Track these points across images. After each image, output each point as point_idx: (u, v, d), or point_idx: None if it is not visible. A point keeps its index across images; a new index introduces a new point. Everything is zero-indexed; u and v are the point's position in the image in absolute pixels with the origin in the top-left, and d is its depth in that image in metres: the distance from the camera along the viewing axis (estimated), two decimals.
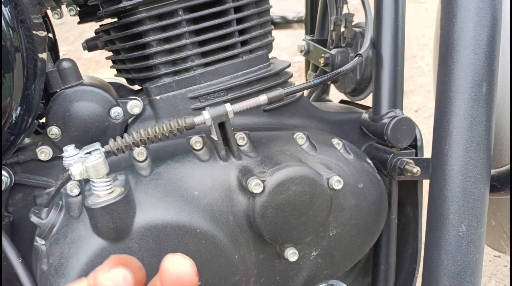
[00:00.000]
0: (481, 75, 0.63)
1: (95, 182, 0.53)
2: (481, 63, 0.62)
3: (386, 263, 0.86)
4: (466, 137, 0.63)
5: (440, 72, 0.69)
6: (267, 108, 0.78)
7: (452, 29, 0.66)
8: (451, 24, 0.66)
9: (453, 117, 0.67)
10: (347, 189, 0.68)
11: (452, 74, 0.66)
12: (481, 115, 0.63)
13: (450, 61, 0.67)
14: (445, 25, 0.67)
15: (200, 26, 0.71)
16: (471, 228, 0.64)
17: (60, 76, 0.66)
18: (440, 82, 0.69)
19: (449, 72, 0.67)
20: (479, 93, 0.63)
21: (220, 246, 0.59)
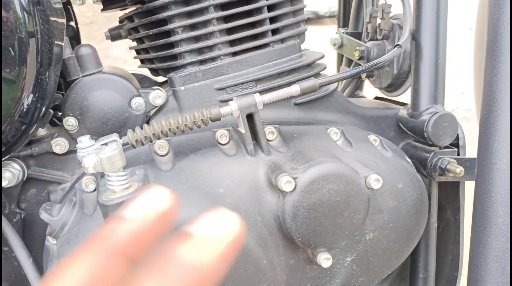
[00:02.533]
0: None
1: (110, 176, 0.47)
2: None
3: (425, 271, 0.79)
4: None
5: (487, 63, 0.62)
6: (298, 101, 0.71)
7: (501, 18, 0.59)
8: (500, 14, 0.59)
9: (503, 112, 0.60)
10: (386, 189, 0.61)
11: (501, 65, 0.60)
12: None
13: (499, 51, 0.60)
14: (493, 14, 0.60)
15: (228, 12, 0.66)
16: None
17: (78, 63, 0.61)
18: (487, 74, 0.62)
19: (498, 63, 0.60)
20: None
21: (247, 250, 0.53)
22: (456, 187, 0.78)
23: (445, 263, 0.83)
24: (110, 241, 0.28)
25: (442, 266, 0.83)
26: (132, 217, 0.29)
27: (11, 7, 0.49)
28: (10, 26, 0.49)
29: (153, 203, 0.29)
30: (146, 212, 0.29)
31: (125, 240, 0.28)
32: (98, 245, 0.27)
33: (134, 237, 0.28)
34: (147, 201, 0.30)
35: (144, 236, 0.28)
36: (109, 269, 0.26)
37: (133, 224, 0.28)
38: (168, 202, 0.30)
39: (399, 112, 0.78)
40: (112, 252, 0.27)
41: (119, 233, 0.28)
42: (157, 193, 0.30)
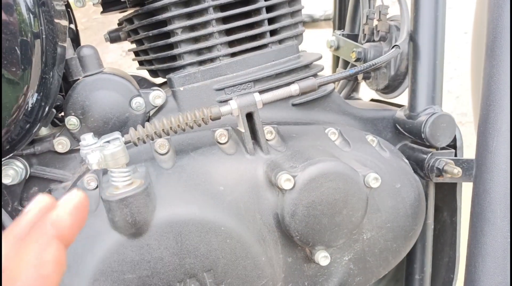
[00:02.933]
0: None
1: (113, 172, 0.48)
2: None
3: (421, 272, 0.80)
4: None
5: (486, 63, 0.64)
6: (296, 102, 0.73)
7: (501, 17, 0.61)
8: (500, 13, 0.60)
9: (502, 111, 0.61)
10: (383, 189, 0.63)
11: (500, 64, 0.61)
12: None
13: (499, 50, 0.61)
14: (493, 13, 0.62)
15: (228, 13, 0.67)
16: None
17: (80, 64, 0.62)
18: (486, 74, 0.63)
19: (497, 63, 0.62)
20: None
21: (246, 246, 0.54)
22: (453, 189, 0.79)
23: (441, 265, 0.84)
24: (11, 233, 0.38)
25: (438, 268, 0.84)
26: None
27: (17, 8, 0.50)
28: (16, 27, 0.50)
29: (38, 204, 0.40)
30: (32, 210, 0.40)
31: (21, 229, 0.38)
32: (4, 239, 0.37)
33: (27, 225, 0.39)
34: (34, 204, 0.41)
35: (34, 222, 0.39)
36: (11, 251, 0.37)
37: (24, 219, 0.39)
38: (48, 201, 0.41)
39: (396, 114, 0.80)
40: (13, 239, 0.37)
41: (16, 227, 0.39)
42: (40, 198, 0.41)
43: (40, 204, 0.40)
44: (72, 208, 0.39)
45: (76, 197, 0.40)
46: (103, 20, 4.07)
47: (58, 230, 0.37)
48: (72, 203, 0.39)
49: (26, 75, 0.52)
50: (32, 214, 0.39)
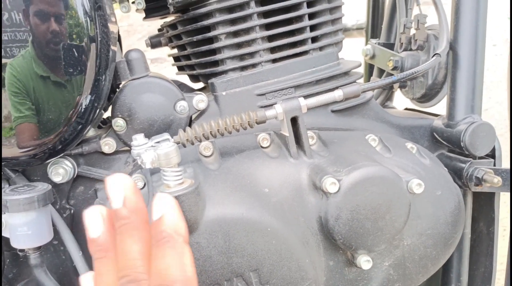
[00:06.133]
0: None
1: (166, 171, 0.51)
2: None
3: (457, 282, 0.80)
4: None
5: None
6: (335, 108, 0.74)
7: None
8: None
9: None
10: (424, 196, 0.63)
11: None
12: None
13: None
14: None
15: (270, 20, 0.69)
16: None
17: (128, 67, 0.64)
18: None
19: None
20: None
21: (291, 248, 0.55)
22: (490, 198, 0.79)
23: (477, 275, 0.84)
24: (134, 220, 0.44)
25: (474, 278, 0.84)
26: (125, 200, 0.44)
27: (75, 12, 0.53)
28: (74, 30, 0.53)
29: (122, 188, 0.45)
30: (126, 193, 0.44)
31: (140, 214, 0.44)
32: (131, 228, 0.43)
33: (140, 209, 0.45)
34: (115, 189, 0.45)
35: (143, 205, 0.46)
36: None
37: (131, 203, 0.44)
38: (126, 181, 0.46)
39: (433, 122, 0.80)
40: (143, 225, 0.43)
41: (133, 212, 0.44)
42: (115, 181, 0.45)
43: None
44: (179, 213, 0.44)
45: (173, 202, 0.45)
46: (127, 29, 4.17)
47: (183, 235, 0.43)
48: (176, 209, 0.45)
49: (81, 77, 0.55)
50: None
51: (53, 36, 0.53)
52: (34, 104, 0.55)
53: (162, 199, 0.45)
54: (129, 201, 0.43)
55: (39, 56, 0.53)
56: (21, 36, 0.53)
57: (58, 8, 0.53)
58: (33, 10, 0.52)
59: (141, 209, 0.44)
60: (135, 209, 0.43)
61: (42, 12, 0.53)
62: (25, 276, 0.67)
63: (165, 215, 0.43)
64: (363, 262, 0.58)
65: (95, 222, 0.43)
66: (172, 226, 0.43)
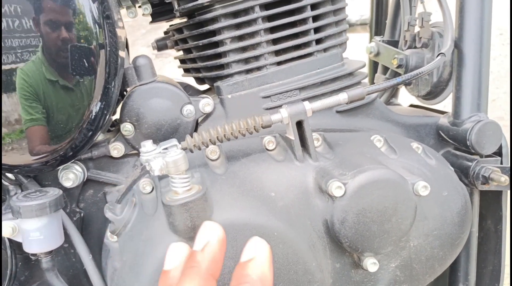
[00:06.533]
0: None
1: (174, 178, 0.51)
2: None
3: (465, 280, 0.80)
4: None
5: None
6: (340, 109, 0.74)
7: None
8: None
9: None
10: (431, 197, 0.63)
11: None
12: None
13: None
14: None
15: (275, 23, 0.70)
16: None
17: (136, 73, 0.65)
18: None
19: None
20: None
21: (298, 252, 0.56)
22: (498, 197, 0.79)
23: (485, 274, 0.84)
24: (202, 268, 0.41)
25: (482, 276, 0.84)
26: (206, 247, 0.43)
27: (84, 20, 0.54)
28: (83, 39, 0.54)
29: (213, 235, 0.44)
30: (212, 242, 0.43)
31: (210, 265, 0.42)
32: (195, 273, 0.41)
33: (215, 261, 0.43)
34: (208, 233, 0.44)
35: (219, 259, 0.43)
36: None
37: (209, 253, 0.43)
38: (221, 232, 0.44)
39: (439, 120, 0.80)
40: (207, 275, 0.41)
41: (205, 261, 0.42)
42: (212, 226, 0.44)
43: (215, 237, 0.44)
44: (270, 263, 0.42)
45: (267, 248, 0.43)
46: (132, 24, 4.17)
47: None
48: (267, 256, 0.43)
49: (92, 85, 0.56)
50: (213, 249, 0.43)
51: (63, 43, 0.54)
52: (44, 108, 0.56)
53: (257, 243, 0.43)
54: (209, 250, 0.42)
55: (50, 62, 0.54)
56: (32, 42, 0.54)
57: (67, 16, 0.54)
58: (43, 18, 0.53)
59: (216, 261, 0.42)
60: (210, 259, 0.42)
61: (53, 19, 0.54)
62: (37, 279, 0.68)
63: (255, 259, 0.42)
64: (369, 265, 0.59)
65: (172, 256, 0.44)
66: (260, 273, 0.41)
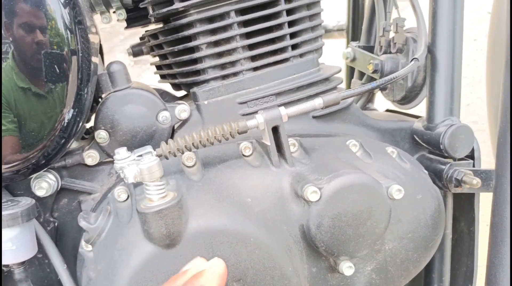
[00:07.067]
0: None
1: (148, 185, 0.51)
2: None
3: (439, 282, 0.81)
4: None
5: (505, 77, 0.65)
6: (316, 114, 0.75)
7: None
8: None
9: None
10: (405, 200, 0.64)
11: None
12: None
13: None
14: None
15: (251, 28, 0.70)
16: None
17: (110, 79, 0.65)
18: (505, 87, 0.65)
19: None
20: None
21: (274, 257, 0.56)
22: (470, 199, 0.81)
23: (459, 275, 0.85)
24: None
25: (456, 277, 0.85)
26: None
27: (55, 26, 0.53)
28: (54, 45, 0.53)
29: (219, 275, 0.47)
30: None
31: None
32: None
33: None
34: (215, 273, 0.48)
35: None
36: None
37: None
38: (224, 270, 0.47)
39: (414, 125, 0.81)
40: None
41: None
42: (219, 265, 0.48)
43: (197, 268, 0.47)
44: (219, 278, 0.45)
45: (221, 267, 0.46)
46: (110, 30, 4.13)
47: None
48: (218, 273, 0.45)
49: (63, 92, 0.55)
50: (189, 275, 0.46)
51: (33, 49, 0.53)
52: (16, 116, 0.55)
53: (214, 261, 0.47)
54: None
55: (21, 69, 0.53)
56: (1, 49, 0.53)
57: (38, 22, 0.53)
58: (13, 23, 0.52)
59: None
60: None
61: (23, 25, 0.53)
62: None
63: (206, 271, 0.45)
64: (345, 268, 0.59)
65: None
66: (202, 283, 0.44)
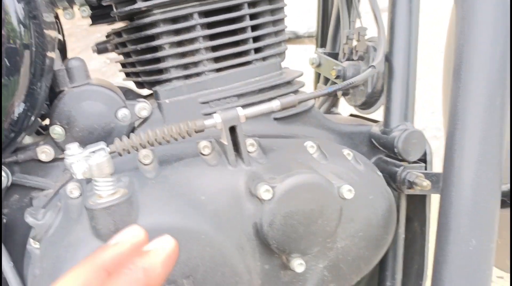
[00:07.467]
0: (495, 88, 0.60)
1: (97, 181, 0.49)
2: (495, 76, 0.60)
3: (392, 279, 0.81)
4: (478, 151, 0.61)
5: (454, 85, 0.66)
6: (277, 116, 0.74)
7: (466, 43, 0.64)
8: (466, 38, 0.64)
9: (466, 130, 0.64)
10: (357, 200, 0.64)
11: (465, 87, 0.64)
12: (494, 128, 0.60)
13: (464, 74, 0.64)
14: (460, 39, 0.65)
15: (214, 31, 0.68)
16: (481, 242, 0.61)
17: (68, 75, 0.62)
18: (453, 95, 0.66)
19: (463, 85, 0.64)
20: (492, 106, 0.61)
21: (226, 254, 0.55)
22: (423, 200, 0.81)
23: (411, 272, 0.86)
24: (99, 261, 0.37)
25: (409, 275, 0.86)
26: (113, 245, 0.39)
27: (8, 20, 0.50)
28: (7, 38, 0.51)
29: (131, 238, 0.40)
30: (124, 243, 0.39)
31: (108, 260, 0.38)
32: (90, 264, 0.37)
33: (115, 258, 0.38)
34: (126, 235, 0.40)
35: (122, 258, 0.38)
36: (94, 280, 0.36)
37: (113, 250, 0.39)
38: (141, 237, 0.40)
39: (371, 129, 0.82)
40: (98, 268, 0.37)
41: (104, 256, 0.38)
42: (134, 230, 0.41)
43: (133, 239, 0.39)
44: (166, 257, 0.38)
45: (170, 245, 0.39)
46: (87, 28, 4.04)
47: (149, 279, 0.36)
48: (166, 252, 0.38)
49: (14, 85, 0.52)
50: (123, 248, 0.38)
51: None
52: None
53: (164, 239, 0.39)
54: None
55: None
56: None
57: None
58: None
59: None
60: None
61: None
62: None
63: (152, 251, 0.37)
64: (296, 266, 0.59)
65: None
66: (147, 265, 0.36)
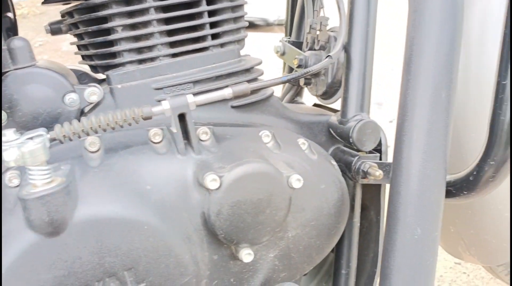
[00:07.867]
0: (441, 82, 0.59)
1: (31, 170, 0.45)
2: (441, 71, 0.59)
3: (347, 267, 0.80)
4: (425, 142, 0.60)
5: (403, 77, 0.65)
6: (235, 104, 0.71)
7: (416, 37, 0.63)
8: (416, 33, 0.63)
9: (414, 122, 0.63)
10: (309, 189, 0.62)
11: (414, 80, 0.63)
12: (439, 120, 0.59)
13: (413, 67, 0.63)
14: (410, 33, 0.64)
15: (169, 15, 0.64)
16: (426, 231, 0.60)
17: (10, 56, 0.57)
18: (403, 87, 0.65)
19: (412, 78, 0.64)
20: (438, 99, 0.60)
21: (169, 245, 0.52)
22: (378, 190, 0.80)
23: (367, 260, 0.85)
24: None
25: (364, 263, 0.85)
26: None
27: None
28: None
29: None
30: None
31: None
32: None
33: None
34: None
35: None
36: None
37: None
38: None
39: (330, 119, 0.79)
40: None
41: None
42: None
43: None
44: None
45: None
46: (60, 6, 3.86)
47: None
48: None
49: None
50: None
51: None
52: None
53: None
54: None
55: None
56: None
57: None
58: None
59: None
60: None
61: None
62: None
63: None
64: (244, 255, 0.56)
65: None
66: None
